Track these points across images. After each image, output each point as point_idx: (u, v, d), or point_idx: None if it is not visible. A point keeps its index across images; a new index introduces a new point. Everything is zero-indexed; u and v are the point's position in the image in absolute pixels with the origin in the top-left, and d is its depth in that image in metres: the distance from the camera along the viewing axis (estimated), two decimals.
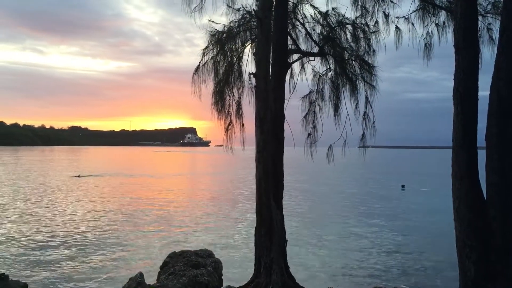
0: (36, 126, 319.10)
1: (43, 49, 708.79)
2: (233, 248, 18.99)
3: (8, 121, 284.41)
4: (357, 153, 11.15)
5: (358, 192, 43.85)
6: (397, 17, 10.93)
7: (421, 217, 28.45)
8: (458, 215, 7.81)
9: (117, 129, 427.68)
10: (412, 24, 10.84)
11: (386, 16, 10.89)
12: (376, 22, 10.89)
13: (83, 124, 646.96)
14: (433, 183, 54.50)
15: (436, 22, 10.85)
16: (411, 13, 10.76)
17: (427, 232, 23.30)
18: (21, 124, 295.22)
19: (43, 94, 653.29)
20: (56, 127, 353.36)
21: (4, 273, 11.59)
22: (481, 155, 7.74)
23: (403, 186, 47.74)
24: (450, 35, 10.41)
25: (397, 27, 10.98)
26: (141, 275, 10.32)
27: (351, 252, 18.52)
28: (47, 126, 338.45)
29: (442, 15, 10.82)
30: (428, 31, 10.87)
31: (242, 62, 11.13)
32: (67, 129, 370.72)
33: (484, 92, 7.93)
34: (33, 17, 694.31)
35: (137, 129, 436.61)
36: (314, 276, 14.85)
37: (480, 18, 9.80)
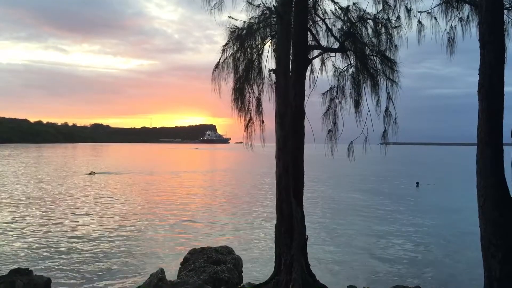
0: (59, 123, 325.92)
1: (66, 47, 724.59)
2: (253, 245, 19.00)
3: (32, 119, 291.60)
4: (379, 150, 10.99)
5: (375, 189, 43.48)
6: (420, 12, 10.72)
7: (438, 215, 28.01)
8: (483, 213, 7.64)
9: (138, 126, 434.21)
10: (435, 18, 10.63)
11: (408, 10, 10.70)
12: (398, 17, 10.70)
13: (105, 121, 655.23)
14: (450, 180, 53.81)
15: (460, 16, 10.62)
16: (434, 7, 10.55)
17: (446, 230, 22.94)
18: (45, 121, 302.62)
19: (66, 92, 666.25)
20: (78, 125, 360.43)
21: (28, 268, 11.83)
22: (507, 152, 7.56)
23: (417, 184, 47.14)
24: (474, 30, 10.21)
25: (419, 22, 10.77)
26: (162, 271, 10.39)
27: (371, 250, 18.36)
28: (70, 124, 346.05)
29: (466, 9, 10.58)
30: (451, 25, 10.64)
31: (262, 59, 11.07)
32: (89, 126, 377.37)
33: (510, 87, 7.75)
34: (56, 17, 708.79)
35: (157, 127, 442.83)
36: (334, 274, 14.79)
37: (505, 12, 9.57)
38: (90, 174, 55.90)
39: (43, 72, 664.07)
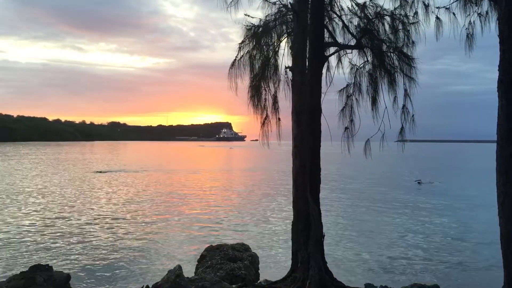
0: (77, 122, 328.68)
1: (83, 46, 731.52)
2: (270, 242, 19.02)
3: (51, 117, 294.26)
4: (396, 147, 10.91)
5: (381, 186, 43.13)
6: (438, 7, 10.58)
7: (454, 213, 27.71)
8: (503, 210, 7.56)
9: (155, 124, 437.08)
10: (453, 14, 10.48)
11: (426, 6, 10.58)
12: (416, 13, 10.59)
13: (122, 119, 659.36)
14: (469, 178, 53.21)
15: (479, 12, 10.45)
16: (452, 2, 10.40)
17: (463, 228, 22.69)
18: (63, 120, 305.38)
19: (83, 91, 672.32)
20: (96, 123, 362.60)
21: (48, 264, 12.03)
22: None
23: (419, 182, 46.39)
24: (493, 25, 10.04)
25: (437, 18, 10.64)
26: (179, 267, 10.47)
27: (388, 248, 18.24)
28: (88, 122, 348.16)
29: (485, 4, 10.41)
30: (470, 21, 10.49)
31: (278, 56, 11.07)
32: (106, 124, 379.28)
33: None
34: (74, 16, 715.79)
35: (173, 124, 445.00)
36: (351, 272, 14.72)
37: None
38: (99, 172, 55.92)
39: (61, 71, 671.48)
